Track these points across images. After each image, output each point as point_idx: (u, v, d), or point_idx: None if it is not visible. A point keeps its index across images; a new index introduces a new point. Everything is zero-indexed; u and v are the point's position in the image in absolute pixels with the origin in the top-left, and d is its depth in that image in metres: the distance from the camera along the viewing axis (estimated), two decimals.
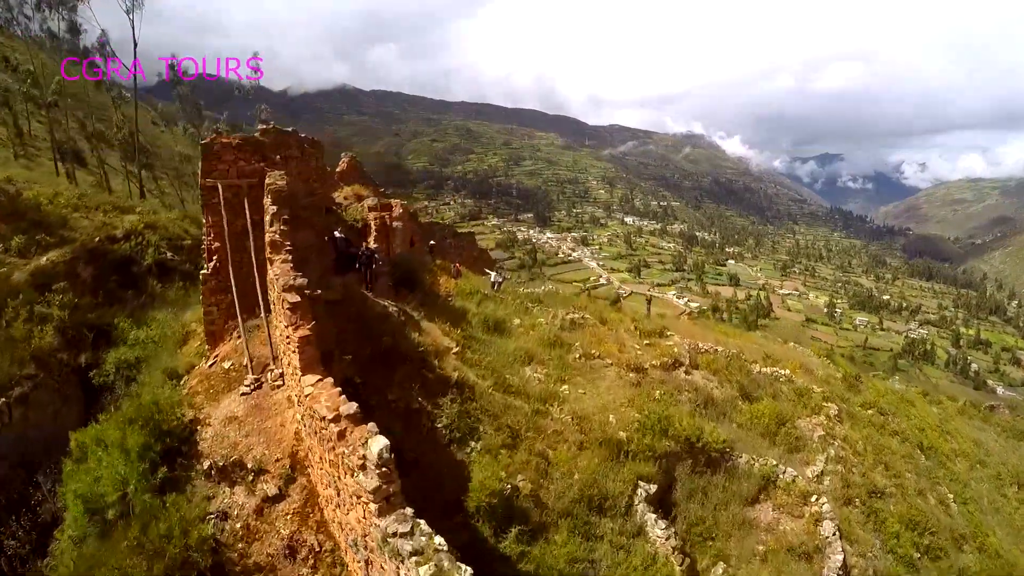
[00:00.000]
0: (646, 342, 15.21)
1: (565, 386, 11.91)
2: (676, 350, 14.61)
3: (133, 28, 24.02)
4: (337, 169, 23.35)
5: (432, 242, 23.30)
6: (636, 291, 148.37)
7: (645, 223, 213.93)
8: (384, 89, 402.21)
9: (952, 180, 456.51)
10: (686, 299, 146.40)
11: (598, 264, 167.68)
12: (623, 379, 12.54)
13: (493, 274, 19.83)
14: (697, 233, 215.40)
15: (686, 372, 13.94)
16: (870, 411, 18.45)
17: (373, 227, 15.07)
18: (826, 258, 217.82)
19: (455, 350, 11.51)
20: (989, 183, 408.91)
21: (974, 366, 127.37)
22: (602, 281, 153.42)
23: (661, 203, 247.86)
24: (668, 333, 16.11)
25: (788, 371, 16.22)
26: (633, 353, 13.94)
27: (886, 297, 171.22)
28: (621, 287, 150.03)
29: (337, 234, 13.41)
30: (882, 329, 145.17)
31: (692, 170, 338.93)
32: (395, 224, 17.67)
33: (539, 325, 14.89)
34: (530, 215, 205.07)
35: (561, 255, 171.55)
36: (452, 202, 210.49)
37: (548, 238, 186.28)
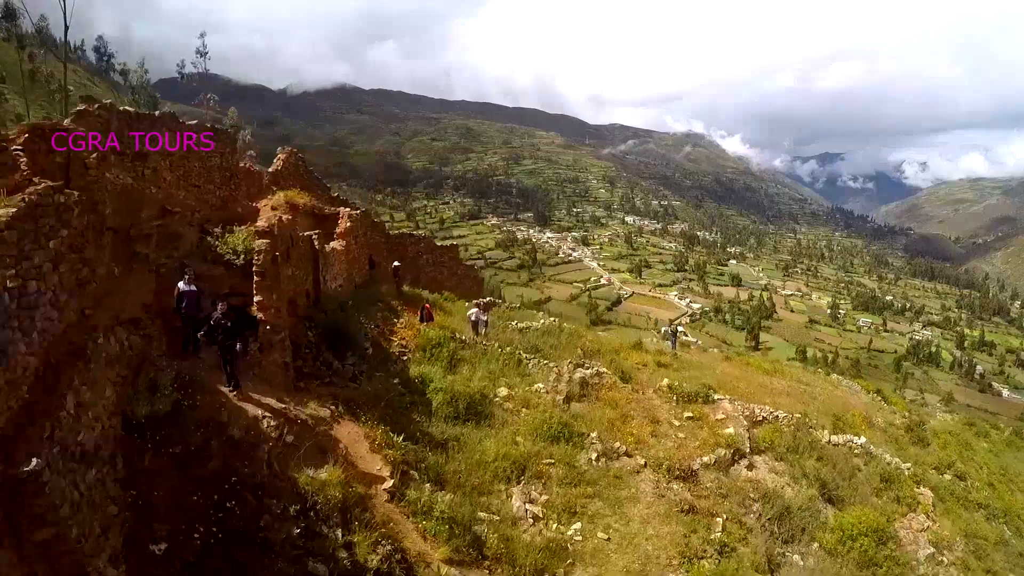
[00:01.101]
0: (687, 414, 11.53)
1: (576, 525, 7.96)
2: (731, 431, 10.93)
3: (64, 6, 20.46)
4: (270, 169, 18.02)
5: (397, 263, 18.47)
6: (638, 291, 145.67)
7: (646, 222, 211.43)
8: (384, 88, 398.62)
9: (953, 180, 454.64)
10: (688, 300, 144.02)
11: (599, 264, 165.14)
12: (665, 497, 8.88)
13: (474, 311, 15.01)
14: (698, 233, 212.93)
15: (748, 466, 10.35)
16: (947, 476, 15.57)
17: (257, 263, 8.58)
18: (828, 258, 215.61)
19: (389, 485, 7.12)
20: (990, 183, 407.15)
21: (979, 368, 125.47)
22: (603, 282, 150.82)
23: (662, 202, 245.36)
24: (713, 396, 12.41)
25: (862, 438, 12.89)
26: (673, 438, 10.35)
27: (889, 298, 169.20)
28: (622, 288, 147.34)
29: (182, 286, 8.40)
30: (886, 331, 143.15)
31: (693, 169, 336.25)
32: (331, 247, 12.99)
33: (536, 396, 10.98)
34: (530, 214, 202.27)
35: (561, 255, 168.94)
36: (451, 201, 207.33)
37: (548, 238, 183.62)
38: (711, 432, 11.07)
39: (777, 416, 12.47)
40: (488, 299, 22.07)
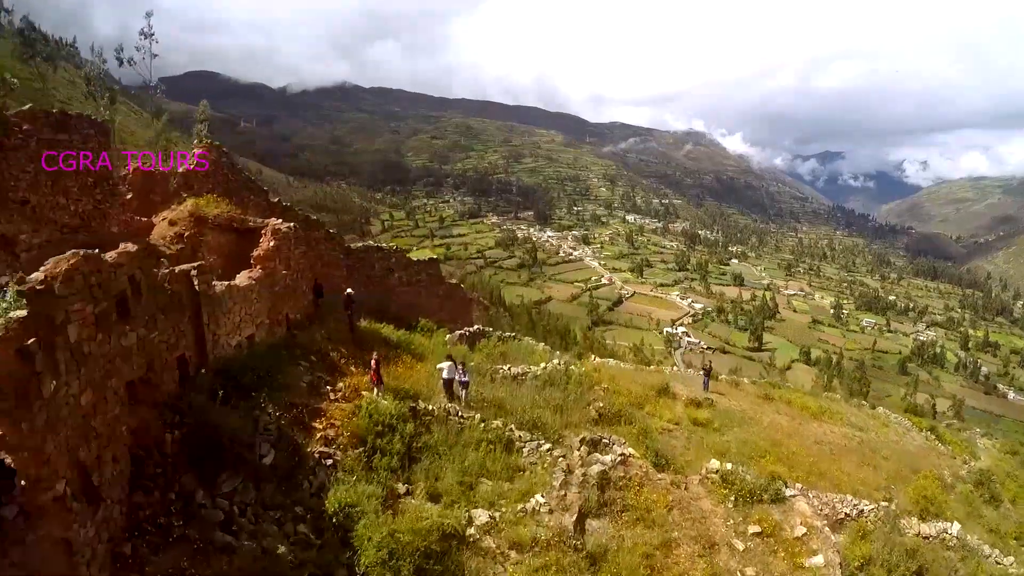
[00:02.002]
0: (753, 528, 8.62)
1: None
2: (819, 560, 7.78)
3: None
4: (180, 169, 13.97)
5: (349, 291, 14.06)
6: (639, 291, 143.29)
7: (647, 221, 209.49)
8: (384, 87, 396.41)
9: (954, 179, 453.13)
10: (690, 300, 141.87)
11: (599, 263, 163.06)
12: None
13: (447, 366, 11.10)
14: (699, 231, 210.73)
15: None
16: None
17: None
18: (830, 257, 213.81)
19: None
20: (991, 182, 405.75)
21: (984, 370, 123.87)
22: (604, 281, 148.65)
23: (663, 201, 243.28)
24: (783, 492, 9.43)
25: (955, 525, 10.36)
26: None
27: (892, 298, 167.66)
28: (623, 287, 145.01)
29: None
30: (889, 331, 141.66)
31: (693, 168, 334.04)
32: (233, 283, 9.22)
33: (533, 521, 7.47)
34: (530, 213, 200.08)
35: (562, 254, 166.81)
36: (451, 200, 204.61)
37: (548, 236, 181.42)
38: (791, 560, 7.99)
39: (862, 510, 9.69)
40: (475, 328, 18.45)
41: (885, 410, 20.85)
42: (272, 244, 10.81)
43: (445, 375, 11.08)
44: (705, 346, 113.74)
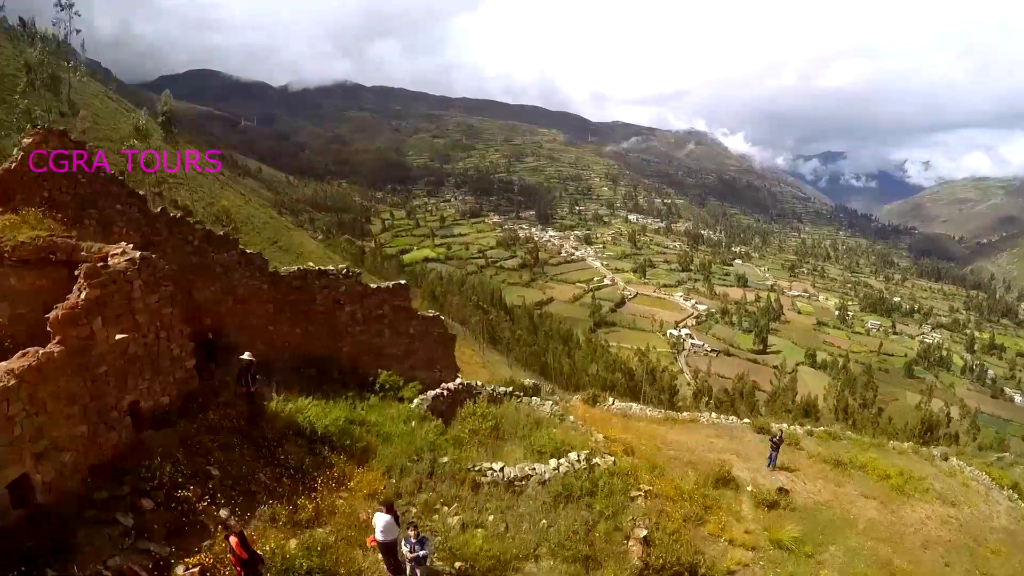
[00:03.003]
0: None
1: None
2: None
3: None
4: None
5: (248, 357, 9.12)
6: (642, 292, 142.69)
7: (649, 221, 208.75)
8: (386, 85, 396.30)
9: (956, 179, 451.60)
10: (693, 301, 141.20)
11: (602, 263, 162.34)
12: None
13: (382, 523, 7.02)
14: (702, 232, 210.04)
15: None
16: None
17: None
18: (833, 258, 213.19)
19: None
20: (994, 182, 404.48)
21: (990, 372, 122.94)
22: (606, 282, 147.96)
23: (665, 201, 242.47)
24: None
25: None
26: None
27: (897, 299, 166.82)
28: (625, 288, 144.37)
29: None
30: (895, 333, 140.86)
31: (695, 167, 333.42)
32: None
33: None
34: (532, 213, 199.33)
35: (564, 254, 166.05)
36: (452, 199, 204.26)
37: (550, 236, 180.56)
38: None
39: None
40: (457, 383, 13.00)
41: (958, 461, 19.57)
42: (86, 295, 6.34)
43: (380, 537, 6.87)
44: (709, 348, 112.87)
